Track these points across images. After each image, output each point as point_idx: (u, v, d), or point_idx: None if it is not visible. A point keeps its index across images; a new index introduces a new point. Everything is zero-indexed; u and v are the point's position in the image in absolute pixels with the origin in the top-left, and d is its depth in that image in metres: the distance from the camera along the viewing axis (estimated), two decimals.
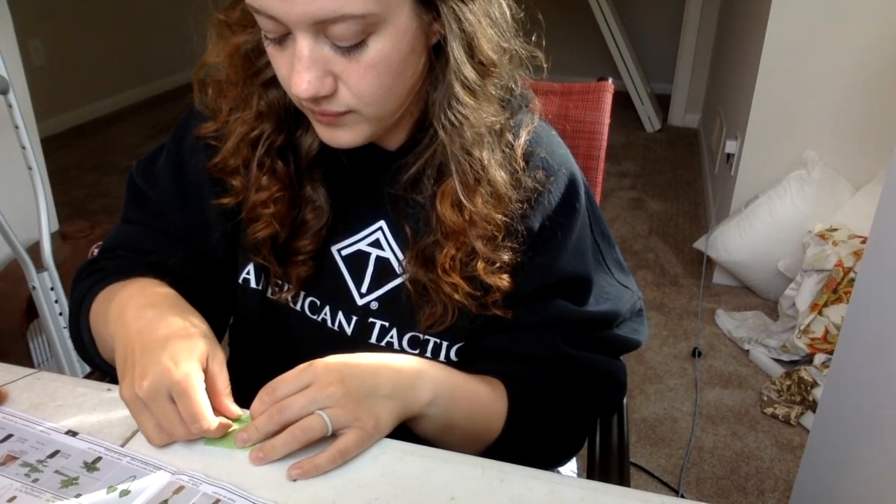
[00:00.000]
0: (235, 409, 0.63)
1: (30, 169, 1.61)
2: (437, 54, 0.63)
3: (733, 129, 2.63)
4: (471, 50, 0.62)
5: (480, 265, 0.69)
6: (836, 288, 1.95)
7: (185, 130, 0.77)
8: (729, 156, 2.60)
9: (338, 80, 0.60)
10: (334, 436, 0.60)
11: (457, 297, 0.70)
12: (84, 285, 0.76)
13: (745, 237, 2.28)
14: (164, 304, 0.66)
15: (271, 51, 0.61)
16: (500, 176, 0.67)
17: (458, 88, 0.63)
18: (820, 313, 1.97)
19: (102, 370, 0.77)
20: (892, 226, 0.96)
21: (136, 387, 0.58)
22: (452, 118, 0.64)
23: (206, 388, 0.60)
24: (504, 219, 0.68)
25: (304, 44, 0.57)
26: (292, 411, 0.59)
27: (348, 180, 0.74)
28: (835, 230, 2.10)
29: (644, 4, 4.62)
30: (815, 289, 2.03)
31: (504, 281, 0.70)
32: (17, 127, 1.59)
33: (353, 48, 0.58)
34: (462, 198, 0.66)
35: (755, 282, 2.38)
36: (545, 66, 0.72)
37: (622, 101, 4.02)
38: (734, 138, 2.54)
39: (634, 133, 4.08)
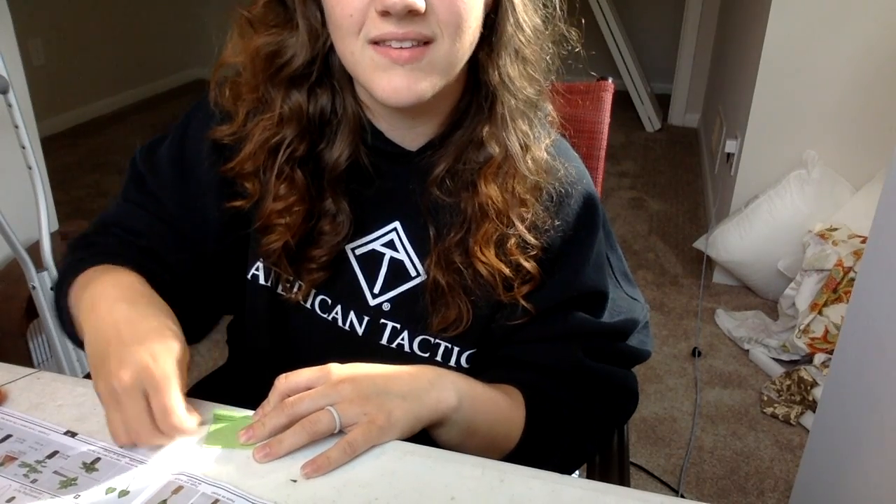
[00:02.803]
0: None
1: (30, 169, 1.61)
2: (489, 26, 0.66)
3: (733, 129, 2.63)
4: (525, 13, 0.66)
5: (513, 243, 0.70)
6: (836, 288, 1.95)
7: (192, 121, 0.76)
8: (729, 155, 2.60)
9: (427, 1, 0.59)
10: (343, 434, 0.60)
11: (491, 280, 0.70)
12: (72, 259, 0.75)
13: (745, 237, 2.28)
14: (140, 301, 0.65)
15: None
16: (539, 154, 0.70)
17: (512, 48, 0.66)
18: (820, 313, 1.97)
19: (81, 347, 0.76)
20: (892, 226, 0.96)
21: (114, 378, 0.57)
22: (507, 74, 0.67)
23: None
24: (536, 203, 0.70)
25: None
26: (302, 406, 0.60)
27: (366, 182, 0.73)
28: (835, 230, 2.10)
29: (644, 4, 4.62)
30: (815, 288, 2.03)
31: (531, 265, 0.71)
32: (17, 127, 1.59)
33: None
34: (515, 159, 0.68)
35: (755, 281, 2.38)
36: (584, 55, 0.74)
37: (622, 101, 4.02)
38: (734, 138, 2.54)
39: (634, 133, 4.08)
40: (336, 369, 0.62)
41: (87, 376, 0.82)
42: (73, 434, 0.62)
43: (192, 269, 0.77)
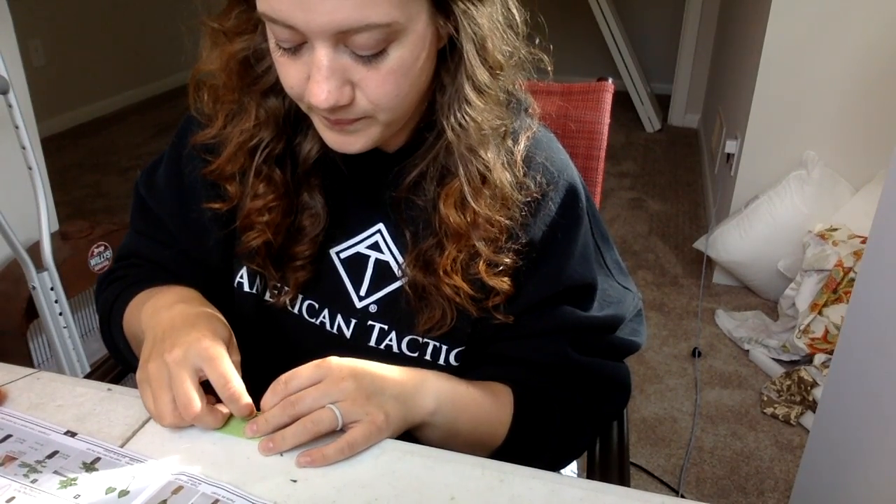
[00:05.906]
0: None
1: (30, 169, 1.61)
2: (447, 56, 0.63)
3: (733, 129, 2.63)
4: (483, 52, 0.62)
5: (482, 267, 0.69)
6: (836, 288, 1.95)
7: (184, 137, 0.77)
8: (729, 156, 2.60)
9: (355, 88, 0.59)
10: (343, 431, 0.60)
11: (458, 299, 0.69)
12: (109, 294, 0.80)
13: (745, 237, 2.28)
14: (194, 301, 0.71)
15: (283, 60, 0.60)
16: (504, 178, 0.67)
17: (468, 90, 0.63)
18: (820, 313, 1.97)
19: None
20: (892, 226, 0.96)
21: (166, 354, 0.60)
22: (462, 119, 0.64)
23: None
24: (507, 222, 0.68)
25: (323, 53, 0.56)
26: (304, 404, 0.60)
27: (346, 183, 0.74)
28: (835, 230, 2.10)
29: (644, 4, 4.62)
30: (815, 289, 2.03)
31: (505, 284, 0.70)
32: (17, 127, 1.59)
33: (373, 57, 0.57)
34: (468, 198, 0.66)
35: (755, 282, 2.38)
36: (550, 69, 0.72)
37: (622, 101, 4.02)
38: (734, 138, 2.54)
39: (634, 133, 4.08)
40: (336, 364, 0.63)
41: (88, 376, 0.82)
42: (73, 434, 0.62)
43: (204, 287, 0.78)
